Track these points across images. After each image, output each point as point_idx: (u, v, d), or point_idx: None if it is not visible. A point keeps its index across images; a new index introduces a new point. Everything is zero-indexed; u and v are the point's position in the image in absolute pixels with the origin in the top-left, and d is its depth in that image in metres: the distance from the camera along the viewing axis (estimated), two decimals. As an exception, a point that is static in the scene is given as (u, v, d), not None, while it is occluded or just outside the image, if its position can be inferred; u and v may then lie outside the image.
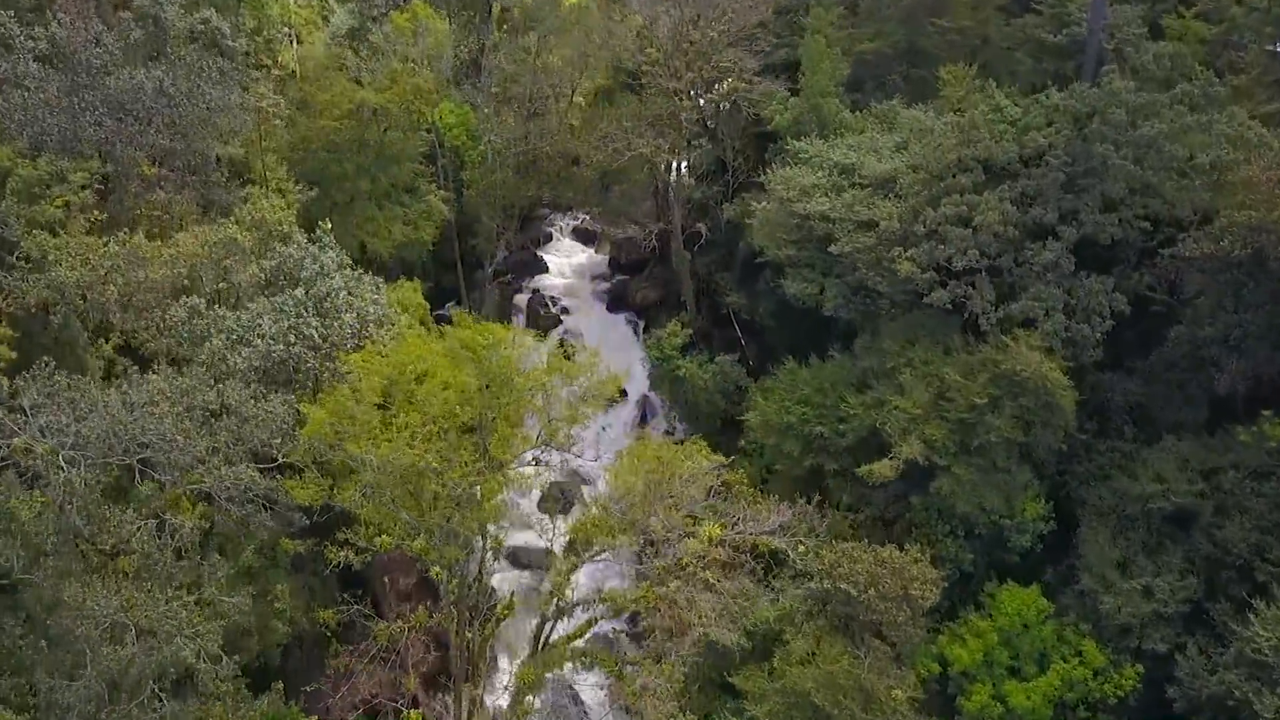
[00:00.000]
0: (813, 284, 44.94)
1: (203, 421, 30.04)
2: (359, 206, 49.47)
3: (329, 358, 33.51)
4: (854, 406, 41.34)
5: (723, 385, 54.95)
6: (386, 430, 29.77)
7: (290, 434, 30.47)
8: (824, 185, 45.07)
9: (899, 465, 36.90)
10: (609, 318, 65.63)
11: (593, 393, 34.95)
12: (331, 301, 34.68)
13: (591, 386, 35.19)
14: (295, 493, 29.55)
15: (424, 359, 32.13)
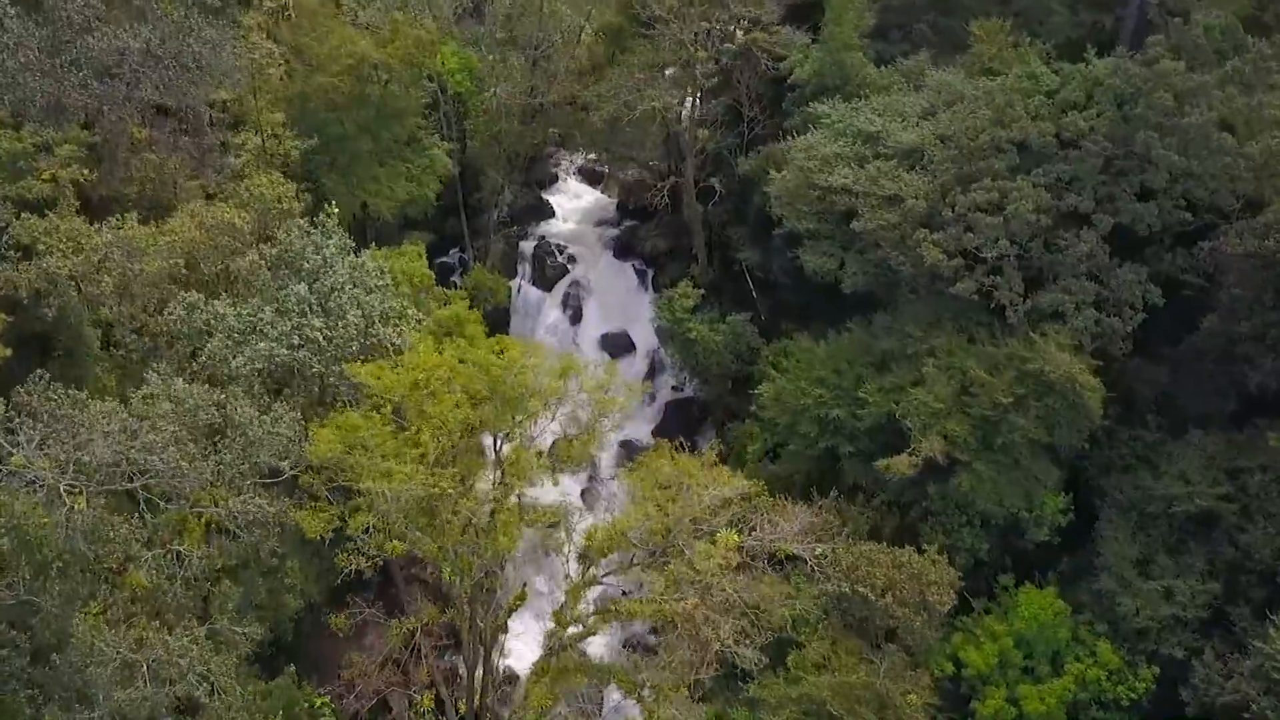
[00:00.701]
0: (832, 258, 43.40)
1: (206, 437, 29.07)
2: (360, 165, 47.43)
3: (335, 361, 32.27)
4: (872, 392, 40.34)
5: (734, 346, 53.83)
6: (398, 451, 28.84)
7: (298, 450, 29.51)
8: (847, 155, 43.06)
9: (918, 462, 36.09)
10: (617, 266, 64.02)
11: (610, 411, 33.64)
12: (336, 299, 33.23)
13: (607, 405, 33.84)
14: (305, 523, 28.82)
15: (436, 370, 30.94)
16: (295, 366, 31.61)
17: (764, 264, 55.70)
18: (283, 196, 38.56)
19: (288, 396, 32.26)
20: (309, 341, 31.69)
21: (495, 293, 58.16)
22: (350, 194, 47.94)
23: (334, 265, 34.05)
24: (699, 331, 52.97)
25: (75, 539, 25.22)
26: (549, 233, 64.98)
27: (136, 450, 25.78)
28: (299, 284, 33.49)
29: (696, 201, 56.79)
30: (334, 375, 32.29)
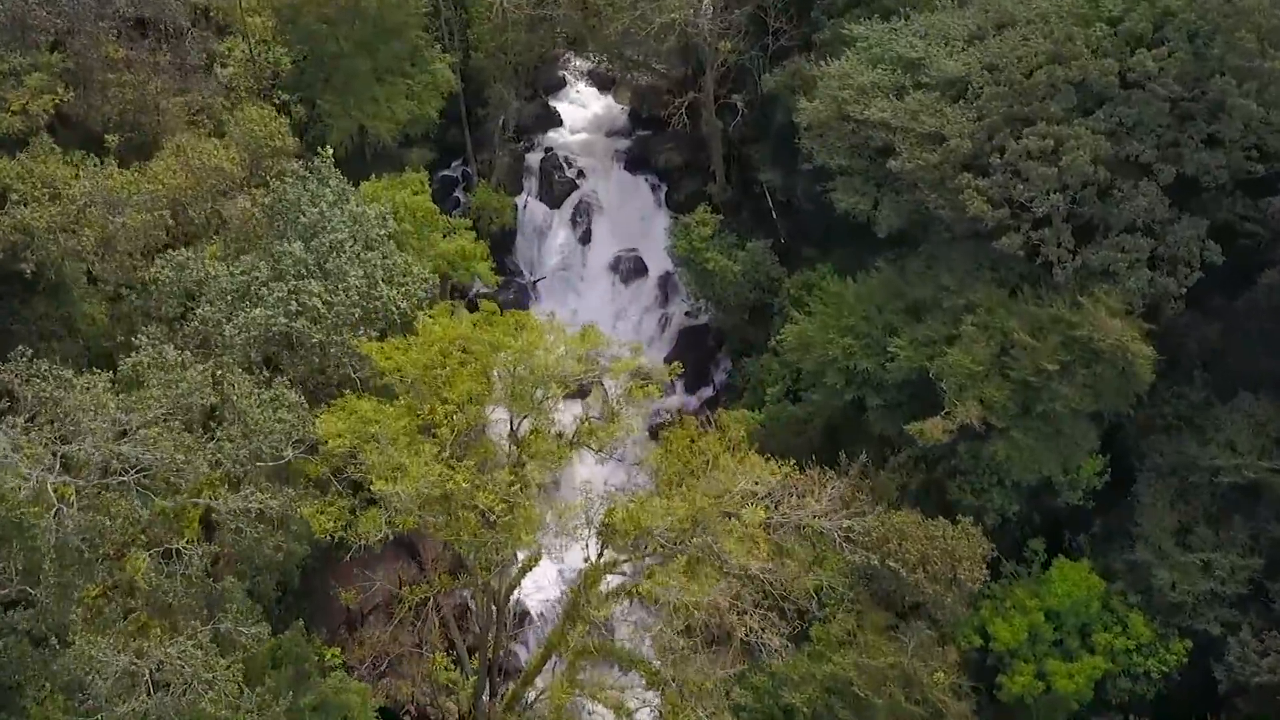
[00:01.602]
0: (865, 198, 40.56)
1: (202, 420, 27.14)
2: (358, 85, 43.93)
3: (336, 329, 29.97)
4: (904, 345, 38.22)
5: (753, 275, 51.37)
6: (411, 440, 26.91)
7: (302, 434, 27.57)
8: (884, 85, 39.68)
9: (953, 428, 34.31)
10: (628, 180, 60.73)
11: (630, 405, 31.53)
12: (335, 260, 30.68)
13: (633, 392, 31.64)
14: (312, 520, 27.12)
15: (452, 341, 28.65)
16: (294, 335, 29.37)
17: (786, 187, 52.75)
18: (275, 133, 35.47)
19: (287, 368, 30.12)
20: (307, 309, 29.30)
21: (500, 213, 55.32)
22: (347, 115, 44.68)
23: (331, 220, 31.32)
24: (717, 262, 50.43)
25: (67, 536, 23.62)
26: (557, 144, 61.44)
27: (127, 447, 23.88)
28: (294, 242, 30.88)
29: (716, 118, 53.26)
30: (336, 345, 30.06)
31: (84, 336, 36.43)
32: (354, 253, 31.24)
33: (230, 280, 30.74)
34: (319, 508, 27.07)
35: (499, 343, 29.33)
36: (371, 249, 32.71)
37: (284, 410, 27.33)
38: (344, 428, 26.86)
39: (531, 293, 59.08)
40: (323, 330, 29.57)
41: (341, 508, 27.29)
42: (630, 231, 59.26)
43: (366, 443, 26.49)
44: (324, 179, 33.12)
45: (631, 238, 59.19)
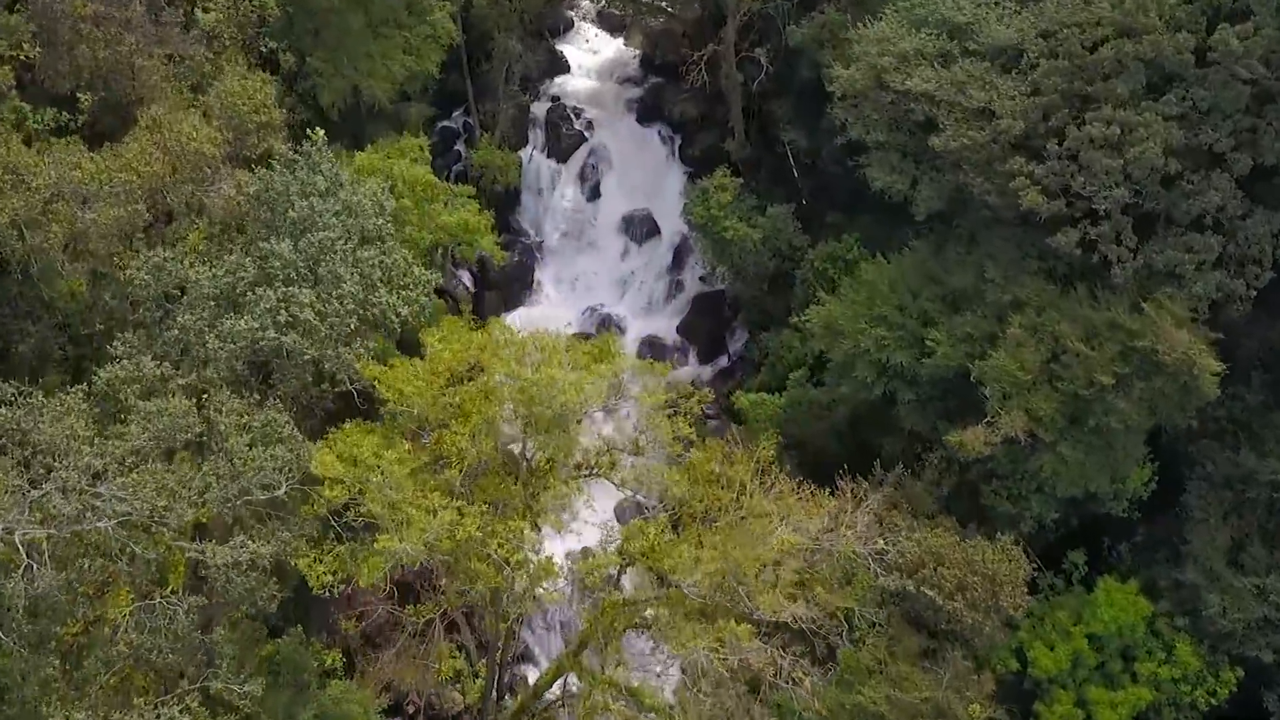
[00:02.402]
0: (903, 176, 37.37)
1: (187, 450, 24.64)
2: (351, 41, 40.24)
3: (331, 343, 27.21)
4: (941, 340, 35.53)
5: (774, 243, 48.41)
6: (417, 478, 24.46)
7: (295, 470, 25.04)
8: (928, 51, 36.14)
9: (996, 440, 31.90)
10: (640, 132, 57.17)
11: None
12: (328, 263, 27.74)
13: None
14: (309, 573, 24.80)
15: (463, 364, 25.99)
16: (284, 349, 26.66)
17: (811, 147, 49.40)
18: (261, 106, 32.12)
19: (278, 383, 27.47)
20: (298, 322, 26.53)
21: (505, 172, 51.98)
22: (339, 74, 41.10)
23: (323, 215, 28.26)
24: (736, 230, 47.35)
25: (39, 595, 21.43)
26: (564, 92, 57.68)
27: (105, 493, 21.48)
28: (283, 240, 27.92)
29: (737, 71, 49.50)
30: (331, 360, 27.34)
31: (62, 313, 33.78)
32: (348, 252, 28.26)
33: (213, 283, 27.88)
34: (314, 556, 24.84)
35: (513, 373, 26.62)
36: (368, 242, 29.67)
37: (275, 446, 24.78)
38: (342, 470, 24.45)
39: (537, 254, 56.12)
40: (316, 345, 26.84)
41: (339, 554, 25.06)
42: (642, 188, 56.00)
43: (367, 490, 24.10)
44: (315, 165, 29.96)
45: (643, 195, 55.94)
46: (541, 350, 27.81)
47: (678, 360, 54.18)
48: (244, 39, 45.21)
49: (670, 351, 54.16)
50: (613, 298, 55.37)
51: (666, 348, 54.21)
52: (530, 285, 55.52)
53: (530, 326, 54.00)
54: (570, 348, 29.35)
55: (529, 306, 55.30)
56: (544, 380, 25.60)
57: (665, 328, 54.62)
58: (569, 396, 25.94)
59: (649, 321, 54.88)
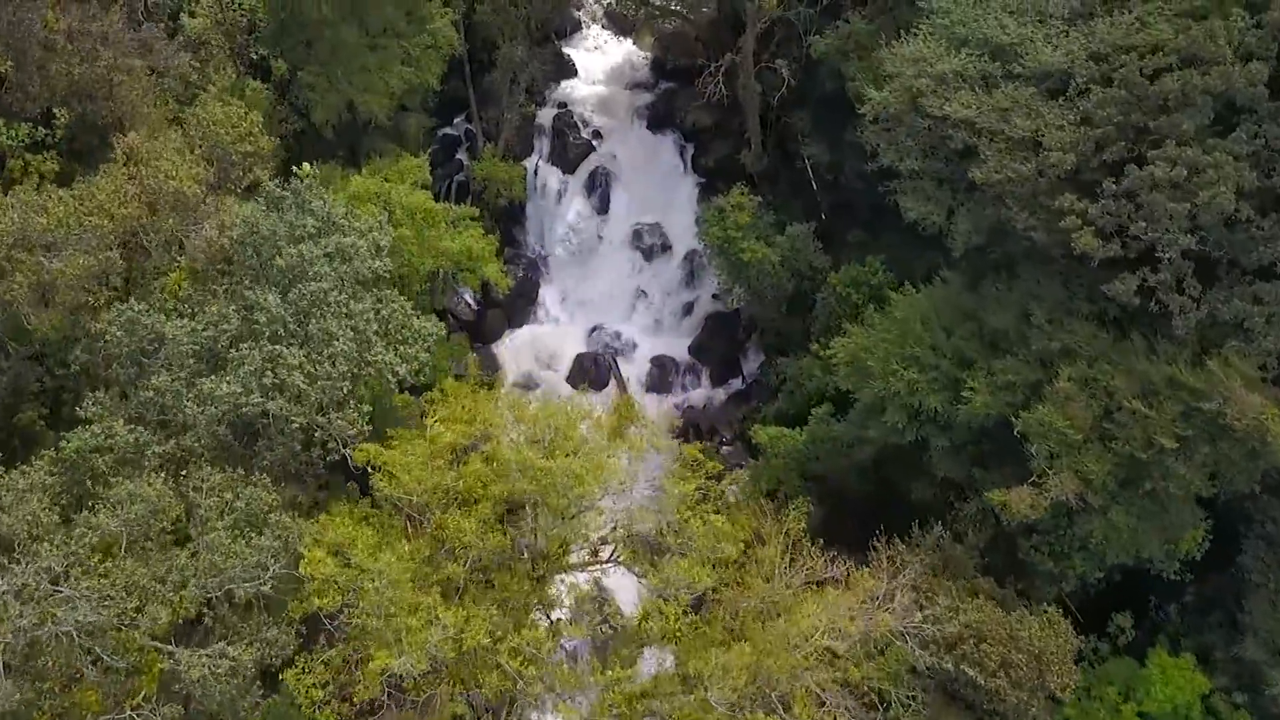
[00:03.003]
0: (938, 206, 34.73)
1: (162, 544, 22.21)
2: (346, 54, 37.48)
3: (322, 409, 24.67)
4: (981, 388, 33.01)
5: (793, 263, 45.83)
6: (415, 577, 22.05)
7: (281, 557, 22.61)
8: (969, 73, 33.42)
9: (1045, 505, 29.48)
10: (651, 141, 54.49)
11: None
12: (319, 318, 25.15)
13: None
14: (297, 686, 22.38)
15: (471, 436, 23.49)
16: (270, 415, 24.15)
17: (833, 163, 46.71)
18: (246, 134, 29.45)
19: (263, 450, 24.97)
20: (286, 386, 24.00)
21: (510, 185, 49.31)
22: (334, 89, 38.36)
23: (315, 264, 25.65)
24: (754, 252, 44.71)
25: None
26: (571, 98, 54.89)
27: (65, 610, 19.07)
28: (269, 292, 25.33)
29: (755, 81, 46.72)
30: (322, 427, 24.82)
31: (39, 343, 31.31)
32: (341, 304, 25.68)
33: (191, 339, 25.32)
34: (302, 665, 22.47)
35: (524, 461, 24.09)
36: (362, 284, 27.05)
37: (262, 531, 22.32)
38: (333, 568, 22.01)
39: (542, 269, 53.55)
40: (305, 412, 24.34)
41: (331, 661, 22.67)
42: (653, 200, 53.35)
43: (362, 595, 21.67)
44: (305, 204, 27.31)
45: (654, 207, 53.32)
46: (555, 428, 25.20)
47: (689, 382, 51.83)
48: (232, 46, 42.60)
49: (681, 373, 51.78)
50: (621, 316, 52.89)
51: (677, 369, 51.80)
52: (534, 302, 53.01)
53: (534, 346, 52.68)
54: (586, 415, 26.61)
55: (533, 325, 52.87)
56: (558, 470, 23.06)
57: (676, 348, 52.16)
58: (585, 489, 23.41)
59: (659, 341, 52.44)
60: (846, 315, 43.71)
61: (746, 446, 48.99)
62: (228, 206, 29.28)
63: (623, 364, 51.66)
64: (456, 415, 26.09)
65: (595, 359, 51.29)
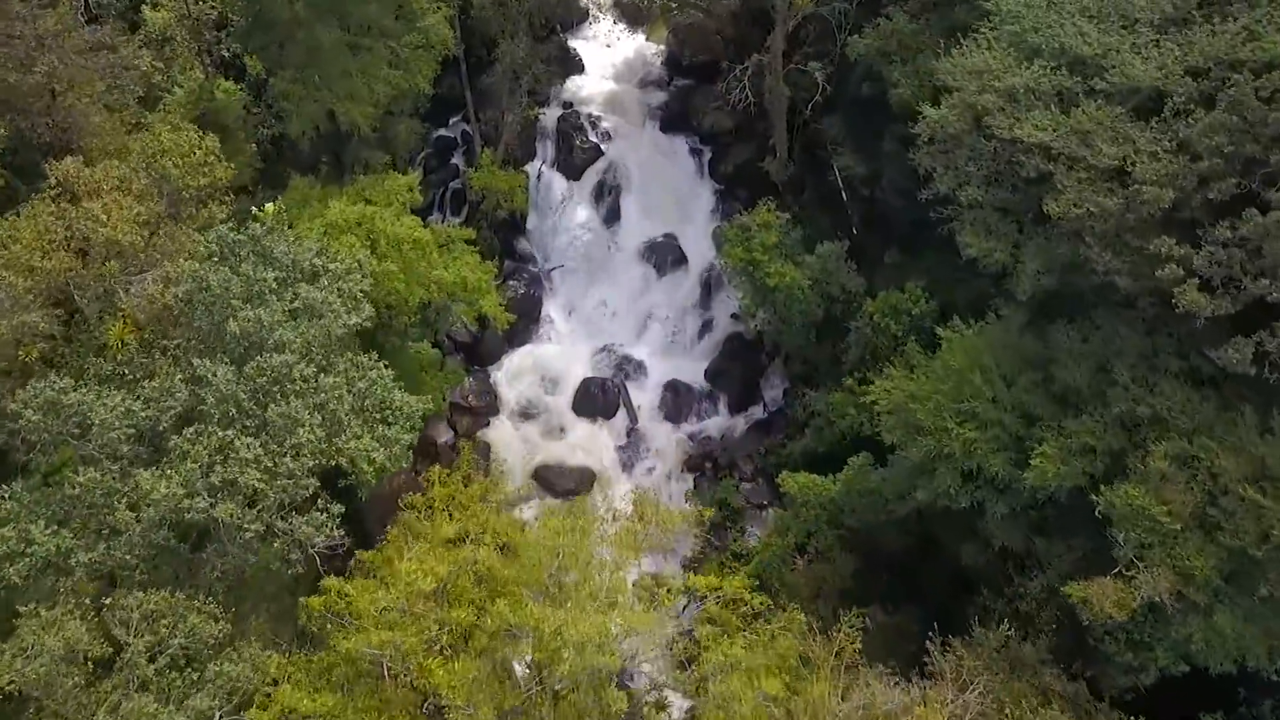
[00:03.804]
0: (1003, 241, 30.22)
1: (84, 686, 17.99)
2: (324, 58, 32.82)
3: (281, 511, 20.35)
4: (1050, 455, 28.68)
5: (823, 286, 41.39)
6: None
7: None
8: (1043, 89, 28.83)
9: (1134, 604, 25.22)
10: (665, 144, 50.02)
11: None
12: (282, 399, 20.74)
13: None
14: None
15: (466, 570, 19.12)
16: (220, 522, 19.84)
17: (869, 176, 42.18)
18: (200, 164, 24.90)
19: (212, 557, 20.68)
20: (238, 487, 19.68)
21: (510, 197, 44.78)
22: (310, 98, 33.76)
23: (276, 331, 21.21)
24: (781, 276, 40.24)
25: None
26: (577, 97, 50.23)
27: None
28: (220, 363, 20.93)
29: (784, 85, 42.06)
30: (283, 536, 20.50)
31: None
32: (309, 378, 21.28)
33: (127, 421, 20.94)
34: None
35: (528, 620, 19.74)
36: (330, 350, 22.60)
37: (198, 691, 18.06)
38: None
39: (546, 283, 49.12)
40: (261, 518, 20.04)
41: None
42: (666, 210, 48.92)
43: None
44: (266, 252, 22.80)
45: (668, 218, 48.90)
46: (562, 553, 20.80)
47: (705, 410, 47.49)
48: (199, 43, 37.99)
49: (697, 400, 47.42)
50: (631, 336, 48.52)
51: (692, 395, 47.44)
52: (537, 320, 48.62)
53: (536, 368, 48.27)
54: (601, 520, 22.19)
55: (535, 344, 48.53)
56: (569, 630, 18.71)
57: (691, 371, 47.79)
58: (606, 660, 19.03)
59: (672, 364, 48.10)
60: (885, 348, 39.43)
61: (768, 482, 44.77)
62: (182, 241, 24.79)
63: (633, 389, 47.36)
64: (440, 534, 21.73)
65: (603, 384, 46.94)
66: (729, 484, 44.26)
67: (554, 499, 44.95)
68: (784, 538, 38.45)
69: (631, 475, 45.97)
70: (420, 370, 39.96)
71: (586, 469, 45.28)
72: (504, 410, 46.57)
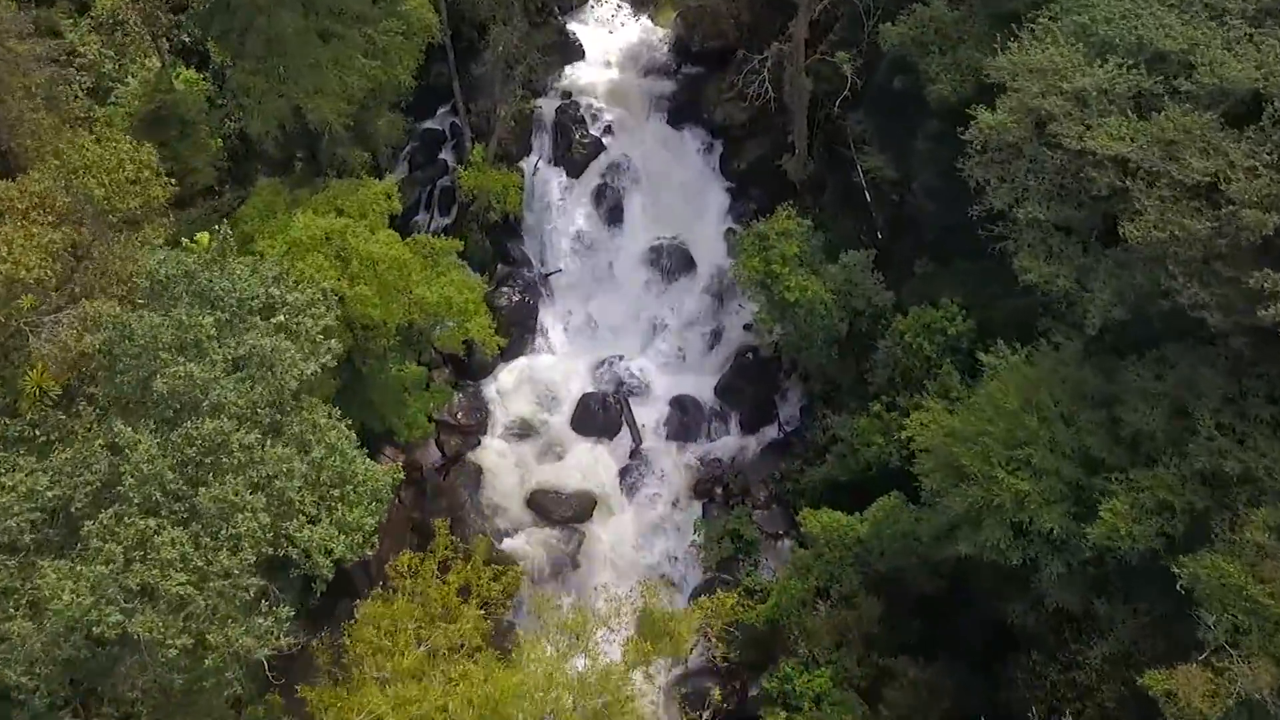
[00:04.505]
0: (1067, 266, 26.41)
1: None
2: (290, 48, 28.76)
3: (215, 620, 16.42)
4: (1118, 510, 25.03)
5: (847, 300, 37.56)
6: None
7: None
8: (1119, 91, 24.92)
9: (1229, 702, 21.60)
10: (672, 138, 46.05)
11: None
12: (218, 476, 16.86)
13: None
14: None
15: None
16: (135, 639, 16.04)
17: (899, 179, 38.28)
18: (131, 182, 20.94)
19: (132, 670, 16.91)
20: (160, 594, 15.88)
21: (504, 197, 40.88)
22: (273, 92, 29.77)
23: (211, 389, 17.35)
24: (802, 291, 36.37)
25: None
26: (577, 86, 46.19)
27: None
28: (143, 430, 17.10)
29: (806, 77, 38.02)
30: (218, 653, 16.65)
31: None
32: (251, 447, 17.46)
33: (27, 505, 17.11)
34: None
35: None
36: (284, 405, 18.76)
37: None
38: None
39: (542, 290, 45.22)
40: (189, 629, 16.22)
41: None
42: (674, 210, 45.01)
43: None
44: (203, 290, 18.92)
45: (675, 219, 44.99)
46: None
47: (715, 429, 43.71)
48: (156, 29, 34.08)
49: (706, 418, 43.64)
50: (634, 347, 44.74)
51: (701, 413, 43.64)
52: (533, 330, 44.79)
53: (532, 383, 44.47)
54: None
55: (531, 356, 44.76)
56: None
57: (700, 387, 43.97)
58: None
59: (679, 379, 44.29)
60: (916, 370, 35.70)
61: (784, 510, 41.22)
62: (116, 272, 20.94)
63: (636, 406, 43.61)
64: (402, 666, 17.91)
65: (604, 401, 43.16)
66: (742, 513, 40.58)
67: (550, 528, 41.44)
68: (804, 580, 34.89)
69: (634, 501, 42.33)
70: (403, 391, 36.31)
71: (586, 494, 41.62)
72: (496, 429, 42.84)
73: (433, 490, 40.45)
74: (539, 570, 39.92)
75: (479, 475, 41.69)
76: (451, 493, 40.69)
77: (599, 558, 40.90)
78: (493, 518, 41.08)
